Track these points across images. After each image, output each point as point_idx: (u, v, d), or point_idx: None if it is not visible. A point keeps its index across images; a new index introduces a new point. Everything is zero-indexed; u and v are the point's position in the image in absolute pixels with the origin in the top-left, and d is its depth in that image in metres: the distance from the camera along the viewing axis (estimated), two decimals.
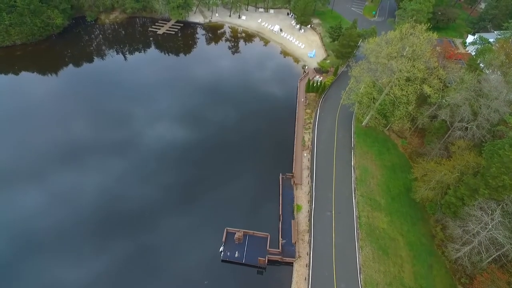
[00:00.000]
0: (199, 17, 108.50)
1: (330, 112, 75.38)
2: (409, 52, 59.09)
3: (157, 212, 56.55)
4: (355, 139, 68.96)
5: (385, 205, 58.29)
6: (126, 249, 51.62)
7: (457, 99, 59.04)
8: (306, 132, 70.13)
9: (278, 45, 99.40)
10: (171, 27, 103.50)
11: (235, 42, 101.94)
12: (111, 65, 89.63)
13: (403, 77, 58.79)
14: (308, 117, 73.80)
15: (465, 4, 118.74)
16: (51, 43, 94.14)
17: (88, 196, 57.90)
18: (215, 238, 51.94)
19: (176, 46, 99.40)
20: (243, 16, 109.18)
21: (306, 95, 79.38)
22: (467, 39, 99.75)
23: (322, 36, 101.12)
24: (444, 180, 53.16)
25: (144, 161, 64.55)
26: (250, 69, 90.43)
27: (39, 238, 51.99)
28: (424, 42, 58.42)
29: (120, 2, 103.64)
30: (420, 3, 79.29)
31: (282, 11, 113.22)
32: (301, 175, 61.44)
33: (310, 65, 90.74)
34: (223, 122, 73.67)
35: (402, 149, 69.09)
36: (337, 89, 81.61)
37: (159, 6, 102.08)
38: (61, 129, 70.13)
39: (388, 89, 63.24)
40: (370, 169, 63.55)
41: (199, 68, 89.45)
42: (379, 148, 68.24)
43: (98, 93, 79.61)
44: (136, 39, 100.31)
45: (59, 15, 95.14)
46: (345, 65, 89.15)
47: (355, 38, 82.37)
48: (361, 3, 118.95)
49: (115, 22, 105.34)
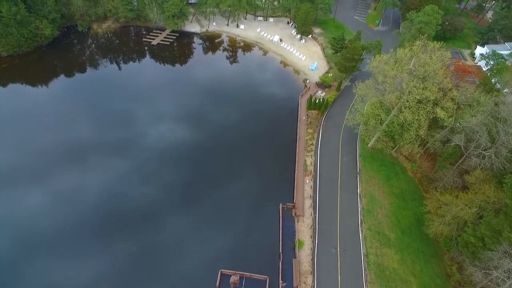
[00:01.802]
0: (195, 26, 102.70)
1: (334, 131, 69.72)
2: (420, 72, 53.56)
3: (145, 254, 50.67)
4: (360, 163, 63.36)
5: (395, 239, 52.73)
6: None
7: (472, 123, 53.59)
8: (308, 155, 64.49)
9: (278, 56, 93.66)
10: (166, 37, 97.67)
11: (233, 53, 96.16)
12: (102, 78, 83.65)
13: (414, 99, 53.31)
14: (310, 137, 68.12)
15: (472, 12, 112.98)
16: (40, 55, 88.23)
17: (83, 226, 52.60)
18: (207, 282, 46.32)
19: (170, 57, 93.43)
20: (242, 25, 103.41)
21: (308, 113, 73.71)
22: (476, 50, 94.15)
23: (324, 47, 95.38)
24: (461, 215, 47.67)
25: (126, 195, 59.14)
26: (248, 83, 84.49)
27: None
28: (437, 61, 52.90)
29: (113, 11, 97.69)
30: (428, 15, 73.61)
31: (282, 20, 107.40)
32: (303, 206, 55.84)
33: (311, 79, 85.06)
34: (217, 142, 67.66)
35: (411, 173, 63.50)
36: (341, 106, 75.96)
37: (154, 15, 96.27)
38: (49, 146, 64.64)
39: (396, 109, 57.76)
40: (377, 198, 57.98)
41: (194, 82, 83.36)
42: (386, 172, 62.67)
43: (88, 107, 73.94)
44: (129, 50, 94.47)
45: (48, 25, 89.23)
46: (349, 79, 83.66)
47: (359, 51, 76.71)
48: (364, 11, 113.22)
49: (108, 31, 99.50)
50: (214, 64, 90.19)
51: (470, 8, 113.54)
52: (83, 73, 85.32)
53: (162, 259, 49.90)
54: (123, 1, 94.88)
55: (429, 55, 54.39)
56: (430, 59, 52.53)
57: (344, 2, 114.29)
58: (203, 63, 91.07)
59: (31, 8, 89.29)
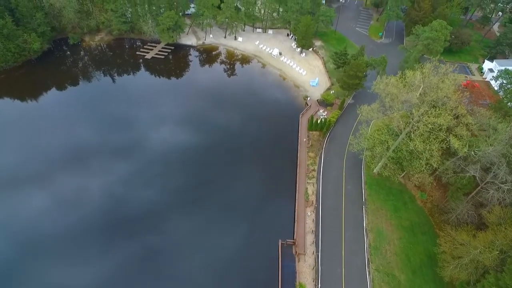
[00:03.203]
0: (191, 39, 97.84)
1: (337, 155, 64.58)
2: (432, 98, 48.59)
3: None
4: (366, 191, 58.20)
5: (405, 281, 47.36)
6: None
7: (489, 153, 48.58)
8: (310, 182, 59.27)
9: (277, 71, 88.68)
10: (160, 51, 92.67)
11: (230, 68, 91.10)
12: (92, 94, 78.29)
13: (425, 127, 48.30)
14: (312, 162, 62.98)
15: (478, 23, 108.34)
16: (28, 69, 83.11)
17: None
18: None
19: (165, 72, 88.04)
20: (240, 37, 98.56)
21: (309, 134, 68.61)
22: (484, 65, 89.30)
23: (325, 61, 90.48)
24: (480, 259, 42.54)
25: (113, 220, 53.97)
26: (246, 100, 79.03)
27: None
28: (450, 85, 47.93)
29: (106, 23, 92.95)
30: (436, 31, 68.78)
31: (281, 32, 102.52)
32: (304, 242, 50.54)
33: (312, 95, 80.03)
34: (209, 167, 62.27)
35: (420, 202, 58.27)
36: (344, 126, 70.94)
37: (148, 28, 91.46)
38: (35, 166, 60.09)
39: (404, 134, 52.76)
40: (385, 232, 52.72)
41: (188, 100, 78.07)
42: (394, 202, 57.44)
43: (77, 123, 69.29)
44: (122, 64, 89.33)
45: (37, 38, 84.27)
46: (352, 96, 78.69)
47: (363, 68, 71.79)
48: (366, 22, 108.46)
49: (100, 44, 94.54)
50: (210, 80, 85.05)
51: (475, 20, 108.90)
52: (72, 89, 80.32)
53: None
54: (116, 13, 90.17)
55: (441, 78, 49.55)
56: (442, 82, 47.63)
57: (346, 13, 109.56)
58: (198, 78, 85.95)
59: (19, 21, 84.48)
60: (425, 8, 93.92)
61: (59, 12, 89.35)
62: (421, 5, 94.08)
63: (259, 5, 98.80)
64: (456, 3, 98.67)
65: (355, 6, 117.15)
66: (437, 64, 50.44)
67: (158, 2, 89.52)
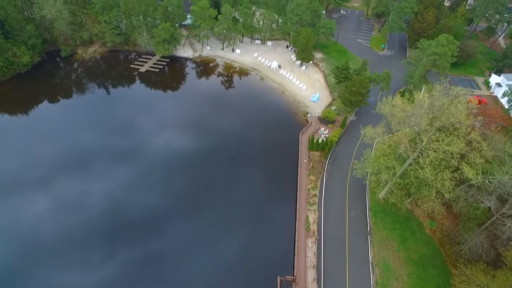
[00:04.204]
0: (188, 51, 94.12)
1: (339, 178, 60.35)
2: (443, 123, 44.62)
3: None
4: (371, 219, 53.90)
5: None
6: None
7: (505, 181, 44.46)
8: (311, 209, 55.03)
9: (276, 85, 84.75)
10: (155, 63, 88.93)
11: (227, 81, 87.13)
12: (83, 109, 74.24)
13: (436, 155, 44.25)
14: (313, 186, 58.77)
15: (482, 34, 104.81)
16: (17, 84, 79.09)
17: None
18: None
19: (159, 86, 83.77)
20: (238, 49, 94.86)
21: (310, 154, 64.50)
22: (491, 79, 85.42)
23: (326, 75, 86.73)
24: None
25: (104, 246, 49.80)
26: (243, 116, 74.52)
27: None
28: (463, 110, 43.97)
29: (99, 35, 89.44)
30: (443, 46, 65.04)
31: (280, 43, 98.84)
32: (305, 279, 46.11)
33: (313, 112, 76.02)
34: (201, 193, 57.90)
35: (430, 231, 53.87)
36: (346, 145, 66.81)
37: (142, 40, 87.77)
38: (22, 184, 56.59)
39: (412, 159, 48.71)
40: (392, 266, 48.30)
41: (183, 116, 73.92)
42: (401, 231, 53.09)
43: (67, 140, 65.78)
44: (115, 78, 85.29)
45: (27, 52, 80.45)
46: (354, 112, 74.73)
47: (365, 85, 67.92)
48: (367, 33, 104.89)
49: (94, 56, 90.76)
50: (206, 95, 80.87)
51: (479, 30, 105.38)
52: (62, 103, 76.50)
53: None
54: (109, 25, 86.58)
55: (452, 101, 45.51)
56: (454, 107, 43.59)
57: (347, 24, 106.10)
58: (194, 93, 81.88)
59: (9, 34, 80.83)
60: (429, 20, 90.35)
61: (51, 24, 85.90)
62: (425, 16, 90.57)
63: (258, 16, 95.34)
64: (460, 14, 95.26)
65: (356, 17, 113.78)
66: (448, 85, 46.46)
67: (153, 14, 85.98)
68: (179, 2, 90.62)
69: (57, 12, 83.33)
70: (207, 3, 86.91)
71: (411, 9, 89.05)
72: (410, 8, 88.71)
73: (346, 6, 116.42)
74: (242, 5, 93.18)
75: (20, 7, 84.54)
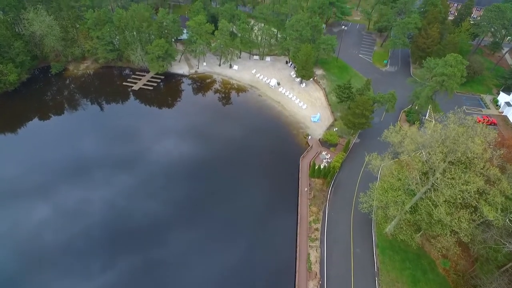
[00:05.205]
0: (183, 67, 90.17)
1: (343, 209, 55.51)
2: (459, 157, 40.23)
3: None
4: (378, 258, 48.95)
5: None
6: None
7: None
8: (312, 246, 50.05)
9: (275, 103, 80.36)
10: (150, 81, 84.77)
11: (224, 100, 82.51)
12: (70, 129, 69.73)
13: (451, 193, 39.72)
14: (314, 218, 53.94)
15: (487, 49, 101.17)
16: (2, 103, 74.37)
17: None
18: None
19: (152, 105, 79.01)
20: (235, 65, 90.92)
21: (311, 182, 59.81)
22: (500, 97, 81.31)
23: (327, 92, 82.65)
24: None
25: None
26: (240, 138, 69.81)
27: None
28: (481, 144, 39.58)
29: (91, 51, 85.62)
30: (451, 66, 61.04)
31: (280, 59, 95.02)
32: None
33: (314, 133, 71.55)
34: (191, 229, 52.89)
35: (443, 271, 48.94)
36: (350, 172, 62.11)
37: (136, 57, 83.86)
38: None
39: (422, 192, 44.17)
40: None
41: (174, 136, 69.51)
42: (412, 271, 48.04)
43: (53, 161, 61.47)
44: (106, 96, 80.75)
45: (14, 69, 76.35)
46: (357, 134, 70.37)
47: (369, 106, 63.72)
48: (369, 48, 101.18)
49: (85, 73, 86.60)
50: (201, 114, 76.18)
51: (484, 45, 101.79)
52: (50, 123, 72.13)
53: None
54: (102, 41, 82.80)
55: (467, 131, 41.18)
56: (472, 142, 39.17)
57: (348, 39, 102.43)
58: (188, 113, 77.17)
59: None
60: (433, 35, 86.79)
61: (41, 40, 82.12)
62: (429, 32, 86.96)
63: (256, 31, 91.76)
64: (465, 29, 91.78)
65: (357, 31, 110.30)
66: (463, 115, 42.19)
67: (147, 29, 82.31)
68: (174, 17, 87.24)
69: (48, 28, 79.71)
70: (203, 18, 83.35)
71: (414, 24, 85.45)
72: (414, 24, 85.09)
73: (346, 20, 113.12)
74: (240, 20, 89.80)
75: (9, 23, 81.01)
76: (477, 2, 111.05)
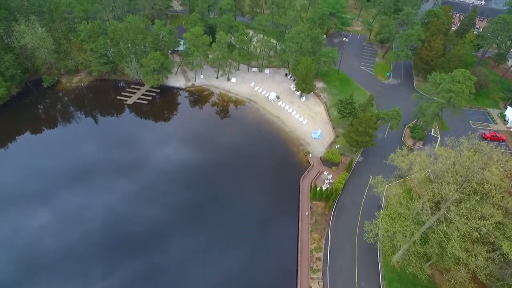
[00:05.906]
0: (180, 80, 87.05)
1: (346, 237, 51.64)
2: (474, 188, 36.81)
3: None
4: None
5: None
6: None
7: None
8: (314, 278, 46.23)
9: (275, 118, 76.96)
10: (144, 94, 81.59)
11: (221, 115, 78.88)
12: (62, 144, 66.55)
13: (466, 228, 36.19)
14: (316, 246, 50.17)
15: (491, 61, 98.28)
16: None
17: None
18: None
19: (146, 120, 75.73)
20: (233, 78, 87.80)
21: (312, 205, 56.18)
22: (507, 112, 78.07)
23: (328, 107, 79.44)
24: None
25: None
26: (237, 156, 66.20)
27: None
28: (498, 174, 36.16)
29: (85, 64, 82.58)
30: (459, 82, 57.94)
31: (279, 71, 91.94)
32: None
33: (315, 151, 67.99)
34: (177, 262, 49.42)
35: None
36: (353, 193, 58.50)
37: (130, 70, 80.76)
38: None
39: (433, 221, 40.60)
40: None
41: (168, 153, 66.04)
42: None
43: (43, 179, 58.73)
44: (99, 110, 77.22)
45: (3, 84, 73.22)
46: (360, 152, 66.91)
47: (373, 124, 60.41)
48: (371, 59, 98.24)
49: (78, 86, 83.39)
50: (197, 130, 72.71)
51: (489, 57, 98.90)
52: (39, 139, 69.01)
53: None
54: (95, 54, 79.76)
55: (482, 158, 37.81)
56: (489, 172, 35.74)
57: (349, 50, 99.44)
58: (184, 127, 73.86)
59: None
60: (437, 48, 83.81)
61: (32, 53, 79.16)
62: (432, 44, 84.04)
63: (255, 43, 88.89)
64: (469, 40, 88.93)
65: (358, 41, 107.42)
66: (478, 142, 38.88)
67: (142, 42, 79.31)
68: (171, 28, 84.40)
69: (39, 40, 76.73)
70: (200, 29, 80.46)
71: (418, 36, 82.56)
72: (417, 36, 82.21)
73: (347, 30, 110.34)
74: (238, 31, 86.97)
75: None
76: (480, 12, 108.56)
